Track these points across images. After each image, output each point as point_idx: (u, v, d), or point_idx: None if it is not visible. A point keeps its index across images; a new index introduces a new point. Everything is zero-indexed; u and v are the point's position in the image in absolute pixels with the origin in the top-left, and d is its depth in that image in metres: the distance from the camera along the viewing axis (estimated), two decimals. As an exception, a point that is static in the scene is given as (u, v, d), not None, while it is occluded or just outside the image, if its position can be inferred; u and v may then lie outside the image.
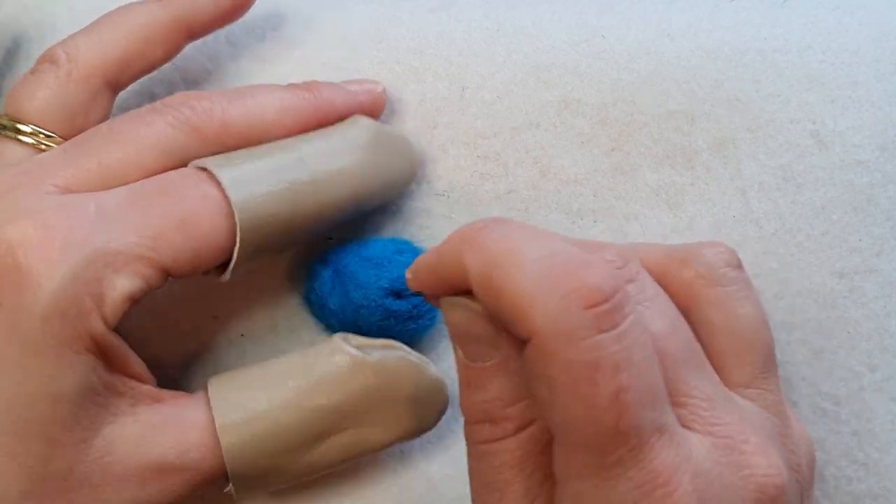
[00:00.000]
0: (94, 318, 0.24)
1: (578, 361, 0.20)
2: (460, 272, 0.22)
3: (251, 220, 0.26)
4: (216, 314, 0.31)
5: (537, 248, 0.21)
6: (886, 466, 0.29)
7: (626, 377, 0.20)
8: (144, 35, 0.29)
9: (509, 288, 0.21)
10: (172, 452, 0.26)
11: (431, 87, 0.32)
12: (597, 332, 0.20)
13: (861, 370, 0.30)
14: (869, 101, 0.31)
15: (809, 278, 0.30)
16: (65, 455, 0.25)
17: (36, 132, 0.28)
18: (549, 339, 0.20)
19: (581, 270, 0.21)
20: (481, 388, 0.24)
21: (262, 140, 0.28)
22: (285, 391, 0.27)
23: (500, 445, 0.23)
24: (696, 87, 0.31)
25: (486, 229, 0.22)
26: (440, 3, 0.33)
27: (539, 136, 0.31)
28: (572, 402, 0.20)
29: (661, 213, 0.31)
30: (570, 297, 0.20)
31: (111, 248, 0.24)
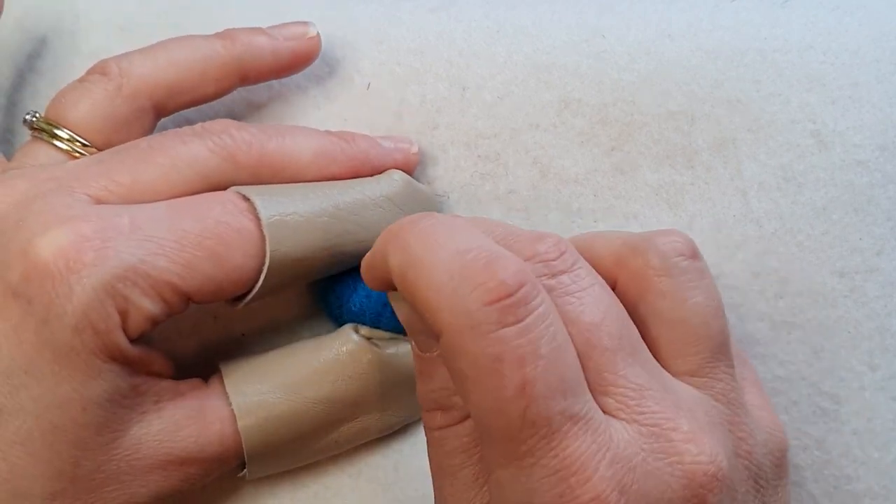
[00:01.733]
0: (119, 333, 0.25)
1: (483, 355, 0.21)
2: (386, 269, 0.23)
3: (279, 263, 0.27)
4: (216, 314, 0.31)
5: (453, 244, 0.22)
6: (887, 465, 0.29)
7: (531, 370, 0.21)
8: (201, 69, 0.30)
9: (421, 285, 0.22)
10: (195, 446, 0.27)
11: (432, 88, 0.32)
12: (500, 327, 0.21)
13: (862, 369, 0.30)
14: (869, 102, 0.31)
15: (810, 278, 0.30)
16: (94, 457, 0.25)
17: (73, 139, 0.28)
18: (455, 335, 0.21)
19: (488, 266, 0.21)
20: (431, 377, 0.25)
21: (295, 179, 0.29)
22: (300, 382, 0.28)
23: (451, 431, 0.24)
24: (697, 87, 0.31)
25: (408, 226, 0.23)
26: (440, 4, 0.33)
27: (539, 136, 0.32)
28: (481, 395, 0.21)
29: (661, 212, 0.31)
30: (474, 293, 0.21)
31: (141, 269, 0.25)
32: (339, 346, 0.29)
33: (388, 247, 0.23)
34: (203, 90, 0.30)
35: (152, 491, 0.26)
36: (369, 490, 0.31)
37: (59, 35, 0.34)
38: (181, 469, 0.27)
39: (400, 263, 0.23)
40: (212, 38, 0.30)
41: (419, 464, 0.31)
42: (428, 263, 0.22)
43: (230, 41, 0.30)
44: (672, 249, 0.26)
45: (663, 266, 0.26)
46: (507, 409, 0.21)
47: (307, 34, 0.31)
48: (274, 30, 0.31)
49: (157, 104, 0.29)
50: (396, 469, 0.31)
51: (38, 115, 0.29)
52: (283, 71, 0.31)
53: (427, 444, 0.25)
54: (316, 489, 0.31)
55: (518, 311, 0.21)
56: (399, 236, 0.23)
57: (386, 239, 0.23)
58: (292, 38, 0.31)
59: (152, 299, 0.25)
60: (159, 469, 0.26)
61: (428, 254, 0.22)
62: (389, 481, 0.31)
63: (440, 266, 0.22)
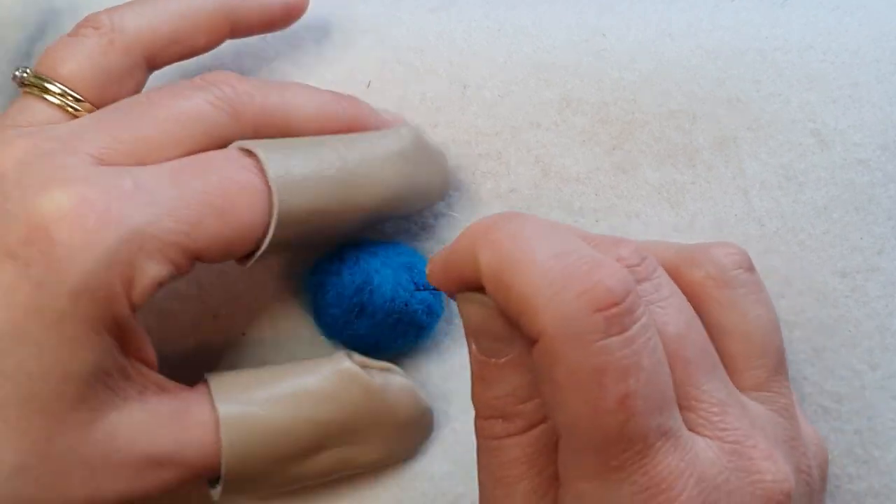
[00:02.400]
0: (121, 300, 0.24)
1: (586, 365, 0.20)
2: (473, 268, 0.22)
3: (288, 215, 0.26)
4: (216, 313, 0.31)
5: (550, 245, 0.21)
6: (888, 464, 0.29)
7: (633, 382, 0.20)
8: (192, 20, 0.29)
9: (519, 286, 0.21)
10: (172, 446, 0.26)
11: (432, 87, 0.32)
12: (606, 336, 0.20)
13: (863, 369, 0.30)
14: (869, 101, 0.31)
15: (811, 277, 0.30)
16: (67, 435, 0.24)
17: (64, 93, 0.27)
18: (556, 341, 0.20)
19: (593, 271, 0.20)
20: (494, 383, 0.23)
21: (297, 135, 0.28)
22: (288, 398, 0.27)
23: (511, 441, 0.23)
24: (697, 87, 0.31)
25: (498, 224, 0.22)
26: (440, 3, 0.33)
27: (540, 135, 0.32)
28: (578, 404, 0.20)
29: (662, 211, 0.31)
30: (580, 299, 0.20)
31: (147, 231, 0.24)
32: (331, 369, 0.28)
33: (477, 244, 0.22)
34: (194, 42, 0.29)
35: (121, 489, 0.25)
36: (369, 490, 0.31)
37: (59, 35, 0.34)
38: (155, 471, 0.25)
39: (493, 262, 0.21)
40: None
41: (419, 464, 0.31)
42: (527, 264, 0.21)
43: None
44: (731, 262, 0.26)
45: (724, 278, 0.26)
46: (605, 422, 0.20)
47: None
48: None
49: (150, 57, 0.29)
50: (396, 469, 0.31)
51: (28, 70, 0.28)
52: (272, 24, 0.31)
53: (479, 452, 0.24)
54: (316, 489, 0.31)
55: (624, 320, 0.20)
56: (491, 234, 0.22)
57: (472, 236, 0.22)
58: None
59: (158, 262, 0.24)
60: (132, 466, 0.25)
61: (526, 254, 0.21)
62: (389, 481, 0.31)
63: (541, 268, 0.21)
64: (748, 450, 0.23)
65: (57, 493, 0.24)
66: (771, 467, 0.23)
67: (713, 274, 0.26)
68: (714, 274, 0.26)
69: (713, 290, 0.26)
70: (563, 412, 0.21)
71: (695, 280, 0.26)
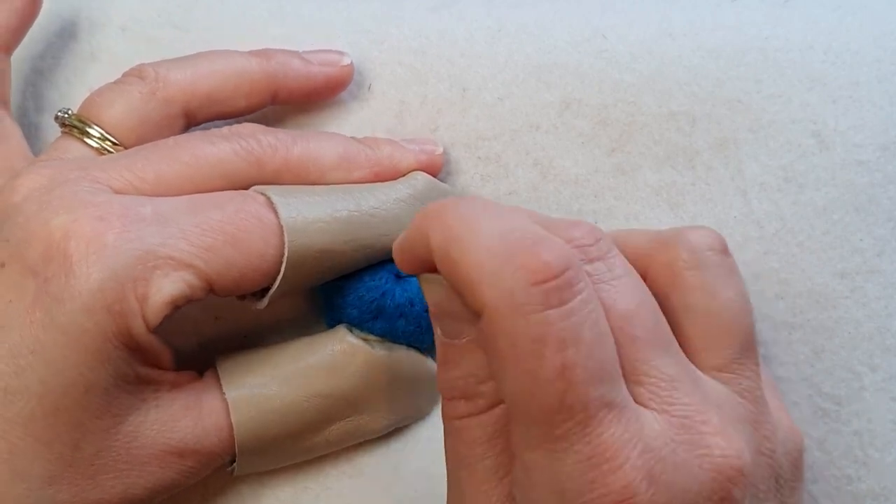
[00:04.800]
0: (135, 317, 0.25)
1: (524, 336, 0.21)
2: (426, 248, 0.23)
3: (299, 251, 0.27)
4: (218, 315, 0.31)
5: (496, 224, 0.22)
6: (887, 466, 0.29)
7: (572, 353, 0.21)
8: (235, 82, 0.30)
9: (464, 262, 0.22)
10: (191, 437, 0.27)
11: (433, 89, 0.32)
12: (544, 308, 0.21)
13: (862, 370, 0.30)
14: (870, 101, 0.31)
15: (811, 279, 0.30)
16: (93, 441, 0.25)
17: (103, 137, 0.29)
18: (497, 313, 0.21)
19: (533, 247, 0.21)
20: (456, 364, 0.24)
21: (318, 183, 0.29)
22: (294, 377, 0.28)
23: (473, 421, 0.24)
24: (698, 87, 0.31)
25: (448, 206, 0.23)
26: (442, 2, 0.33)
27: (540, 137, 0.32)
28: (519, 375, 0.21)
29: (662, 213, 0.31)
30: (518, 273, 0.21)
31: (162, 251, 0.25)
32: (334, 343, 0.29)
33: (429, 224, 0.23)
34: (235, 103, 0.30)
35: (150, 482, 0.26)
36: (370, 490, 0.31)
37: (60, 36, 0.35)
38: (179, 461, 0.27)
39: (442, 241, 0.22)
40: (248, 54, 0.31)
41: (419, 464, 0.31)
42: (472, 241, 0.22)
43: (265, 59, 0.31)
44: (703, 243, 0.27)
45: (694, 259, 0.26)
46: (545, 392, 0.21)
47: (341, 62, 0.32)
48: (309, 54, 0.32)
49: (189, 112, 0.30)
50: (396, 469, 0.31)
51: (70, 111, 0.29)
52: (315, 94, 0.32)
53: (445, 434, 0.25)
54: (317, 490, 0.31)
55: (562, 293, 0.21)
56: (441, 215, 0.23)
57: (426, 217, 0.23)
58: (326, 64, 0.32)
59: (173, 281, 0.25)
60: (157, 459, 0.26)
61: (472, 232, 0.22)
62: (389, 481, 0.31)
63: (484, 244, 0.21)
64: (698, 424, 0.23)
65: (90, 496, 0.26)
66: (721, 442, 0.23)
67: (683, 256, 0.26)
68: (684, 256, 0.26)
69: (682, 270, 0.26)
70: (507, 384, 0.21)
71: (666, 262, 0.26)
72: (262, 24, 0.33)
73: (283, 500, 0.31)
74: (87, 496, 0.25)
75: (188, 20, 0.34)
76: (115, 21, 0.34)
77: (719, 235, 0.27)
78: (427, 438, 0.31)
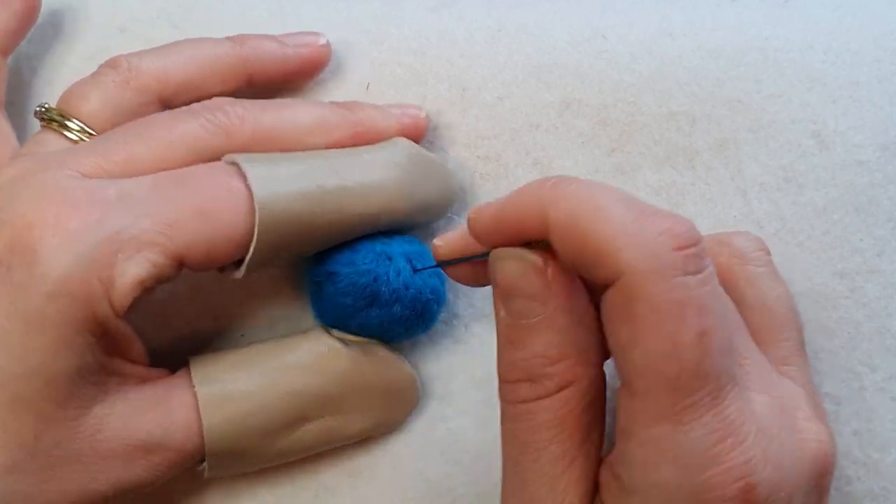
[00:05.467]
0: (101, 301, 0.25)
1: (668, 298, 0.21)
2: (536, 221, 0.22)
3: (272, 217, 0.26)
4: (215, 315, 0.31)
5: (620, 197, 0.22)
6: (886, 466, 0.29)
7: (710, 319, 0.21)
8: (209, 67, 0.30)
9: (598, 230, 0.21)
10: (158, 431, 0.26)
11: (433, 89, 0.32)
12: (685, 273, 0.21)
13: (862, 370, 0.30)
14: (870, 102, 0.31)
15: (811, 279, 0.30)
16: (55, 431, 0.25)
17: (82, 129, 0.29)
18: (638, 277, 0.21)
19: (666, 216, 0.21)
20: (523, 345, 0.24)
21: (293, 149, 0.28)
22: (266, 375, 0.28)
23: (540, 405, 0.23)
24: (698, 87, 0.31)
25: (563, 182, 0.22)
26: (442, 2, 0.33)
27: (540, 136, 0.31)
28: (658, 339, 0.21)
29: (661, 213, 0.31)
30: (661, 237, 0.21)
31: (126, 232, 0.25)
32: (310, 342, 0.29)
33: (547, 197, 0.22)
34: (210, 88, 0.30)
35: (113, 477, 0.26)
36: (369, 490, 0.31)
37: (58, 36, 0.34)
38: (145, 456, 0.26)
39: (568, 212, 0.22)
40: (221, 39, 0.31)
41: (419, 464, 0.31)
42: (604, 212, 0.21)
43: (239, 44, 0.31)
44: (752, 245, 0.28)
45: (748, 258, 0.27)
46: (684, 356, 0.21)
47: (317, 42, 0.32)
48: (285, 37, 0.32)
49: (164, 99, 0.30)
50: (395, 469, 0.31)
51: (49, 106, 0.29)
52: (292, 76, 0.32)
53: (505, 420, 0.24)
54: (316, 489, 0.31)
55: (701, 261, 0.21)
56: (560, 189, 0.22)
57: (538, 191, 0.23)
58: (302, 46, 0.31)
59: (138, 262, 0.25)
60: (121, 454, 0.26)
61: (601, 204, 0.21)
62: (389, 481, 0.31)
63: (618, 213, 0.21)
64: (793, 409, 0.23)
65: (50, 487, 0.25)
66: (813, 427, 0.23)
67: (738, 254, 0.27)
68: (738, 254, 0.27)
69: (737, 267, 0.27)
70: (640, 349, 0.21)
71: (720, 262, 0.27)
72: (262, 24, 0.33)
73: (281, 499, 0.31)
74: (47, 487, 0.25)
75: (188, 20, 0.34)
76: (114, 21, 0.34)
77: (761, 239, 0.28)
78: (427, 438, 0.31)
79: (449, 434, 0.31)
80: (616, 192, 0.22)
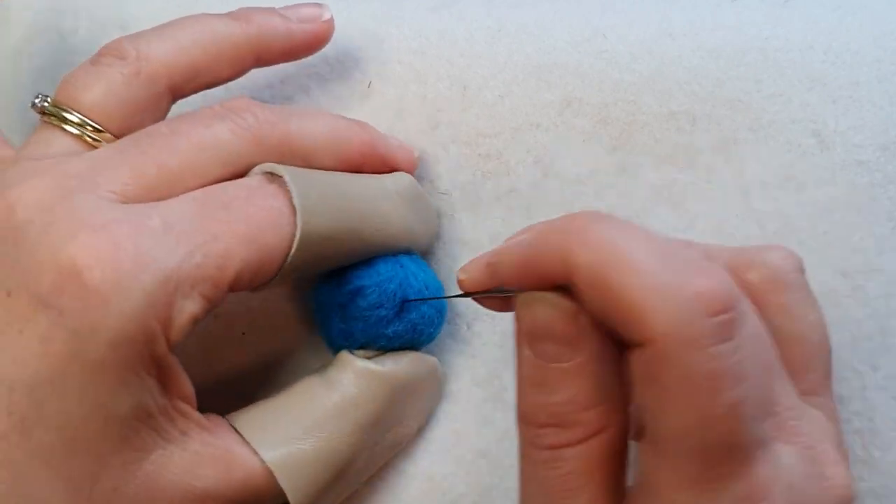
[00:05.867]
0: (160, 342, 0.24)
1: (700, 370, 0.19)
2: (561, 267, 0.21)
3: (309, 238, 0.26)
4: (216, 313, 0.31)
5: (653, 247, 0.20)
6: (888, 465, 0.29)
7: (744, 389, 0.20)
8: (217, 50, 0.29)
9: (626, 288, 0.20)
10: (216, 488, 0.25)
11: (433, 87, 0.32)
12: (719, 342, 0.19)
13: (863, 369, 0.30)
14: (870, 101, 0.31)
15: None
16: (112, 475, 0.24)
17: (84, 123, 0.27)
18: (670, 345, 0.20)
19: (703, 275, 0.20)
20: (553, 389, 0.22)
21: (309, 158, 0.28)
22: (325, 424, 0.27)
23: (570, 452, 0.22)
24: (698, 87, 0.31)
25: (593, 223, 0.21)
26: (442, 2, 0.33)
27: (540, 135, 0.32)
28: (687, 410, 0.20)
29: (662, 211, 0.31)
30: (694, 303, 0.19)
31: (182, 271, 0.24)
32: (345, 373, 0.28)
33: (572, 243, 0.21)
34: (219, 72, 0.29)
35: None
36: (369, 489, 0.31)
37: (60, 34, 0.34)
38: None
39: (593, 262, 0.20)
40: (226, 18, 0.29)
41: (419, 464, 0.31)
42: (633, 265, 0.20)
43: (245, 22, 0.29)
44: (787, 264, 0.26)
45: (781, 281, 0.25)
46: (714, 429, 0.20)
47: (321, 17, 0.31)
48: (288, 11, 0.31)
49: (175, 87, 0.28)
50: (396, 468, 0.31)
51: (47, 98, 0.28)
52: (297, 52, 0.31)
53: (527, 464, 0.23)
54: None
55: (736, 325, 0.20)
56: (586, 233, 0.21)
57: (564, 233, 0.21)
58: (306, 21, 0.31)
59: (194, 299, 0.24)
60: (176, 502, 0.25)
61: (629, 254, 0.20)
62: (390, 480, 0.31)
63: (649, 269, 0.20)
64: (819, 455, 0.22)
65: None
66: (841, 472, 0.23)
67: (770, 277, 0.25)
68: (771, 277, 0.25)
69: (770, 294, 0.25)
70: (668, 418, 0.20)
71: (751, 283, 0.25)
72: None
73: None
74: None
75: (188, 20, 0.34)
76: (114, 20, 0.34)
77: (797, 255, 0.26)
78: (427, 438, 0.31)
79: (452, 433, 0.31)
80: (647, 238, 0.21)
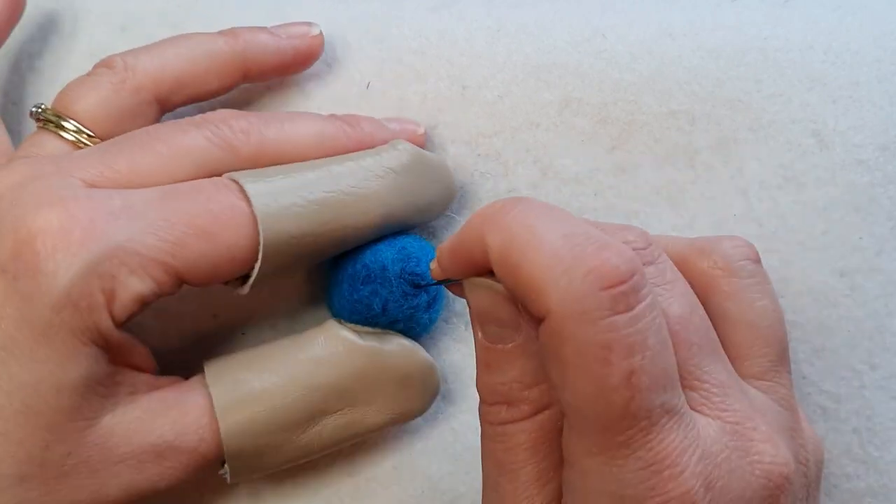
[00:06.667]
0: (102, 313, 0.24)
1: (592, 342, 0.20)
2: (481, 251, 0.22)
3: (275, 236, 0.26)
4: (216, 312, 0.31)
5: (558, 227, 0.21)
6: (886, 464, 0.29)
7: (638, 359, 0.20)
8: (205, 65, 0.30)
9: (527, 266, 0.21)
10: (170, 434, 0.26)
11: (433, 87, 0.32)
12: (612, 314, 0.20)
13: (862, 369, 0.30)
14: (870, 101, 0.31)
15: (810, 277, 0.30)
16: (65, 442, 0.25)
17: (79, 130, 0.29)
18: (563, 319, 0.20)
19: (600, 251, 0.21)
20: (500, 369, 0.24)
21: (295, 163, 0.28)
22: (281, 372, 0.28)
23: (516, 427, 0.24)
24: (698, 86, 0.31)
25: (506, 207, 0.22)
26: (442, 2, 0.33)
27: (540, 135, 0.32)
28: (584, 382, 0.21)
29: (662, 211, 0.31)
30: (587, 278, 0.20)
31: (129, 247, 0.25)
32: (323, 337, 0.29)
33: (487, 227, 0.22)
34: (206, 86, 0.30)
35: (124, 483, 0.26)
36: (369, 490, 0.31)
37: (59, 34, 0.35)
38: (157, 461, 0.26)
39: (502, 244, 0.22)
40: (215, 35, 0.31)
41: (419, 464, 0.31)
42: (535, 245, 0.21)
43: (233, 38, 0.30)
44: (739, 253, 0.27)
45: (731, 268, 0.26)
46: (610, 399, 0.20)
47: (310, 33, 0.32)
48: (277, 28, 0.31)
49: (161, 98, 0.30)
50: (396, 469, 0.31)
51: (44, 106, 0.29)
52: (286, 68, 0.32)
53: (483, 438, 0.25)
54: (316, 487, 0.31)
55: (630, 299, 0.20)
56: (499, 216, 0.22)
57: (483, 220, 0.22)
58: (295, 37, 0.31)
59: (140, 277, 0.25)
60: (132, 459, 0.26)
61: (534, 235, 0.21)
62: (389, 481, 0.31)
63: (548, 248, 0.21)
64: (748, 431, 0.23)
65: (61, 496, 0.25)
66: (770, 449, 0.23)
67: (720, 264, 0.26)
68: (721, 264, 0.26)
69: (720, 279, 0.26)
70: (569, 391, 0.21)
71: (702, 269, 0.27)
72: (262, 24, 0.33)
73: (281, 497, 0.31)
74: (58, 496, 0.25)
75: (188, 20, 0.34)
76: (115, 20, 0.34)
77: (752, 245, 0.27)
78: (427, 438, 0.31)
79: (450, 432, 0.31)
80: (559, 221, 0.22)
